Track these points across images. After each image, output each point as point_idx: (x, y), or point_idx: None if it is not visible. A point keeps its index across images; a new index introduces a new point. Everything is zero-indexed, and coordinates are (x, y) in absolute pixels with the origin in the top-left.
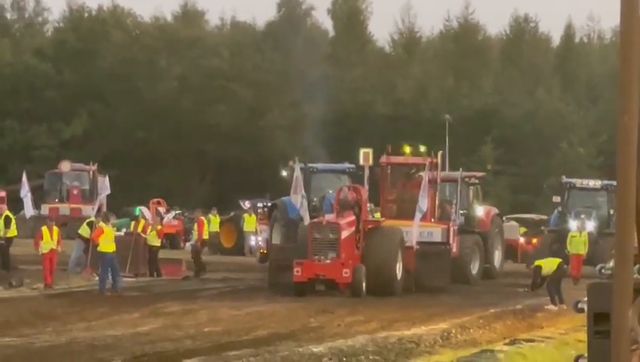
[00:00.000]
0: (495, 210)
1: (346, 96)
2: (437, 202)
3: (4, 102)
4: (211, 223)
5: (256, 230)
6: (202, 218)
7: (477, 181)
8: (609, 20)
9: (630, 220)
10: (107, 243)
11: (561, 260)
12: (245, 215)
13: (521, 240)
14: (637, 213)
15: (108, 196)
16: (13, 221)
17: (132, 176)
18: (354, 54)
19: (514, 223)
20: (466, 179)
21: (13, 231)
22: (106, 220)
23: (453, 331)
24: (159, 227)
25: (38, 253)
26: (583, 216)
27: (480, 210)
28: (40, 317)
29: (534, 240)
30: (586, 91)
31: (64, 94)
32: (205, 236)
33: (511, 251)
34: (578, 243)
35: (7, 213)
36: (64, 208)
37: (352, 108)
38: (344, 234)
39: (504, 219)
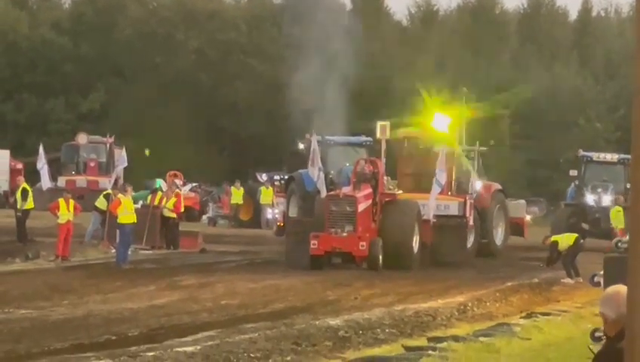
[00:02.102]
0: (497, 186)
1: (363, 69)
2: (453, 176)
3: (22, 76)
4: (234, 195)
5: (272, 203)
6: (178, 191)
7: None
8: None
9: None
10: (126, 215)
11: (577, 235)
12: (262, 188)
13: (527, 218)
14: None
15: (125, 169)
16: (30, 193)
17: (150, 149)
18: (371, 28)
19: (521, 201)
20: (464, 153)
21: (30, 204)
22: (124, 191)
23: (470, 304)
24: (174, 199)
25: (56, 218)
26: (599, 189)
27: (479, 185)
28: (56, 289)
29: None
30: (603, 66)
31: (81, 68)
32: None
33: (517, 229)
34: (623, 218)
35: (25, 185)
36: (81, 180)
37: (370, 82)
38: (361, 207)
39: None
